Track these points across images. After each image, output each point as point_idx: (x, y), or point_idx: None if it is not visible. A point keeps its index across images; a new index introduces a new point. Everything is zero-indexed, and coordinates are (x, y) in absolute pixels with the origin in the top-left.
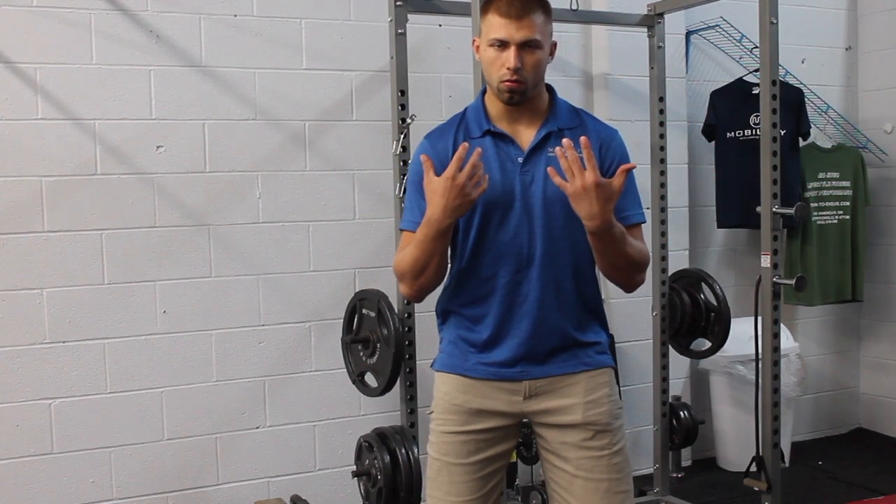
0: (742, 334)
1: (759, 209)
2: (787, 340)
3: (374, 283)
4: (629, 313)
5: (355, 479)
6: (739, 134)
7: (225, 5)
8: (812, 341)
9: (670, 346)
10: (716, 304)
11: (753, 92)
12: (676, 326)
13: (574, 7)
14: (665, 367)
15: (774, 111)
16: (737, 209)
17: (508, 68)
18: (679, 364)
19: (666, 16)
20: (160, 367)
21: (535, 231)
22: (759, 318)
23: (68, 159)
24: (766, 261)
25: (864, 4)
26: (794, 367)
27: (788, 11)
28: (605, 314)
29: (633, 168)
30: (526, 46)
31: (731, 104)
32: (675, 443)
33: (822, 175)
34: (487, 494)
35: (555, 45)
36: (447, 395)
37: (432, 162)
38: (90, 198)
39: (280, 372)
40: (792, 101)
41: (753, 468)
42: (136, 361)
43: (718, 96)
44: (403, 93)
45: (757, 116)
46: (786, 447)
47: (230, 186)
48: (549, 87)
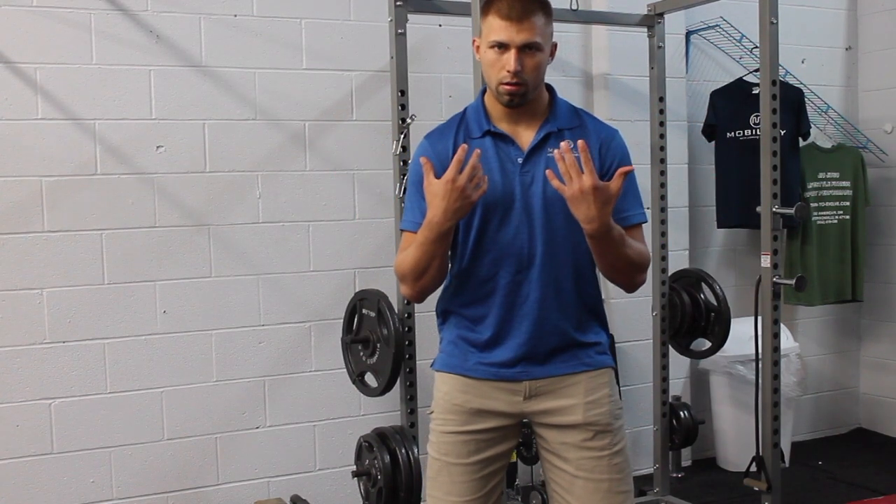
0: (742, 334)
1: (759, 209)
2: (787, 340)
3: (374, 283)
4: (629, 313)
5: (355, 479)
6: (739, 134)
7: (225, 5)
8: (812, 341)
9: (670, 346)
10: (716, 304)
11: (753, 92)
12: (676, 326)
13: (574, 7)
14: (665, 367)
15: (774, 111)
16: (737, 209)
17: (508, 71)
18: (679, 364)
19: (666, 16)
20: (160, 367)
21: (536, 231)
22: (759, 318)
23: (68, 159)
24: (766, 261)
25: (864, 4)
26: (794, 367)
27: (788, 11)
28: (605, 314)
29: (630, 171)
30: (526, 49)
31: (731, 104)
32: (675, 443)
33: (822, 175)
34: (488, 494)
35: (555, 46)
36: (447, 394)
37: (432, 164)
38: (90, 198)
39: (280, 372)
40: (792, 101)
41: (753, 468)
42: (136, 361)
43: (718, 96)
44: (403, 93)
45: (757, 116)
46: (786, 447)
47: (230, 186)
48: (549, 87)
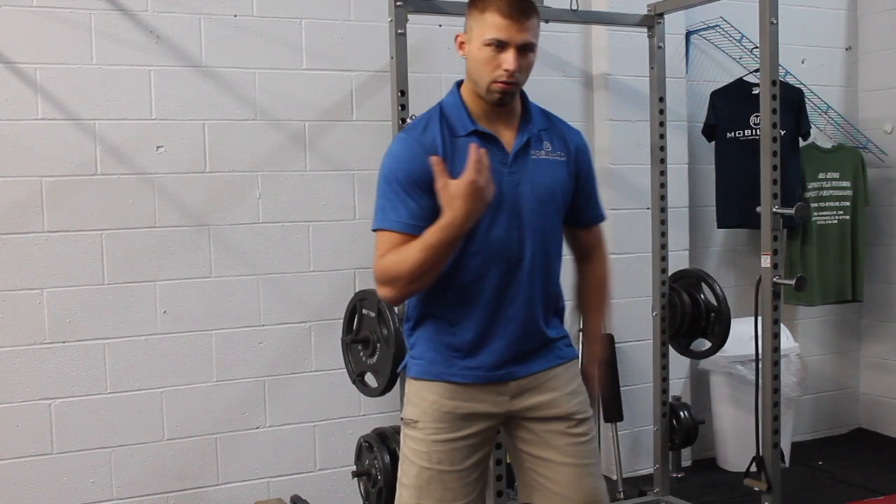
0: (742, 334)
1: (759, 209)
2: (787, 340)
3: (374, 284)
4: (629, 313)
5: (355, 479)
6: (739, 134)
7: (225, 5)
8: (812, 341)
9: (670, 346)
10: (716, 304)
11: (753, 92)
12: (676, 326)
13: (574, 7)
14: (665, 367)
15: (774, 111)
16: (737, 209)
17: (507, 70)
18: (679, 364)
19: (666, 16)
20: (160, 367)
21: (525, 233)
22: (759, 318)
23: (68, 159)
24: (766, 261)
25: (864, 4)
26: (794, 367)
27: (788, 11)
28: (565, 310)
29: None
30: (523, 49)
31: (731, 104)
32: (675, 443)
33: (822, 175)
34: (478, 496)
35: None
36: (435, 403)
37: (444, 164)
38: (90, 198)
39: (280, 372)
40: (792, 101)
41: (753, 468)
42: (136, 361)
43: (718, 96)
44: (403, 93)
45: (757, 116)
46: (786, 447)
47: (230, 186)
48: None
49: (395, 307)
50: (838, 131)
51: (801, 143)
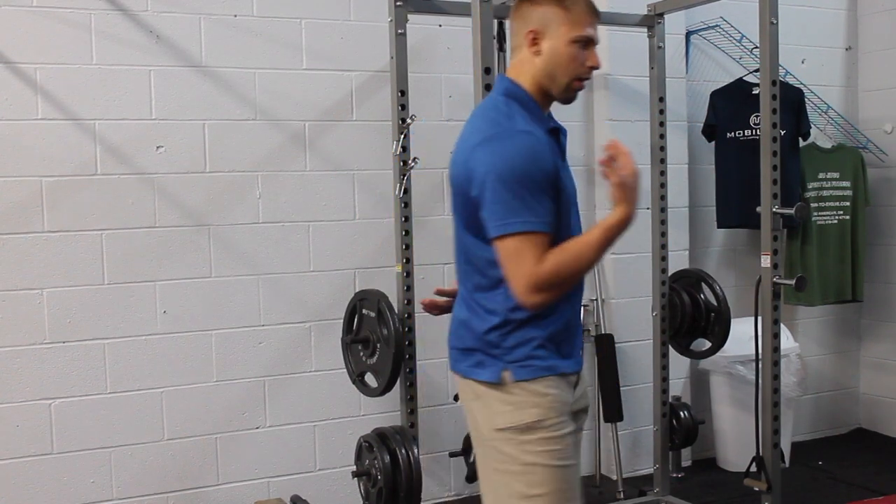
0: (742, 334)
1: (759, 209)
2: (787, 340)
3: (374, 283)
4: (629, 313)
5: (355, 479)
6: (739, 134)
7: (225, 5)
8: (812, 341)
9: (670, 346)
10: (716, 304)
11: (753, 92)
12: (676, 326)
13: None
14: (665, 367)
15: (774, 111)
16: (737, 209)
17: (591, 67)
18: (679, 364)
19: (666, 16)
20: (160, 367)
21: (580, 226)
22: (759, 318)
23: (68, 159)
24: (766, 261)
25: (864, 4)
26: (794, 367)
27: (788, 11)
28: None
29: None
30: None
31: (731, 104)
32: (675, 443)
33: (822, 175)
34: None
35: None
36: (557, 397)
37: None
38: (90, 198)
39: (280, 372)
40: (792, 101)
41: (753, 468)
42: (136, 361)
43: (718, 96)
44: (403, 93)
45: (757, 116)
46: (786, 447)
47: (230, 186)
48: None
49: (396, 308)
50: (838, 131)
51: (802, 143)
